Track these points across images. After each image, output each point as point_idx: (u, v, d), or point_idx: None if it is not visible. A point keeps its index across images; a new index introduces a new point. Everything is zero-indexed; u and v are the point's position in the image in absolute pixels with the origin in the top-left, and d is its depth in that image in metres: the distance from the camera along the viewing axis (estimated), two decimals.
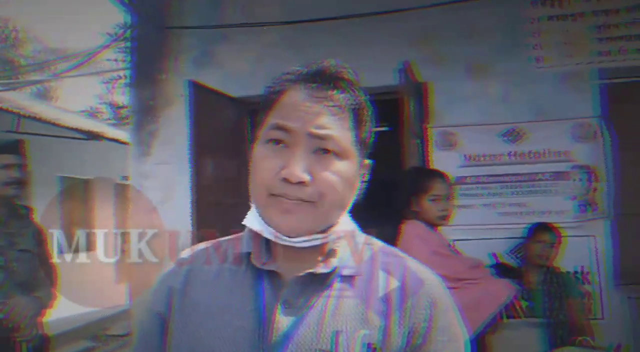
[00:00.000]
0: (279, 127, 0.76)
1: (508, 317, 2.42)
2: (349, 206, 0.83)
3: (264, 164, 0.77)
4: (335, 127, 0.76)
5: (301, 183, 0.74)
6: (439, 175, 2.37)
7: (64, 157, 8.55)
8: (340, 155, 0.76)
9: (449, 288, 0.82)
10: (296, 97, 0.77)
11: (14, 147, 2.35)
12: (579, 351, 2.68)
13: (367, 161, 0.84)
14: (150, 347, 0.85)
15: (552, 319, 2.81)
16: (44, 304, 2.29)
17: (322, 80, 0.77)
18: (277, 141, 0.76)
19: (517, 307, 2.57)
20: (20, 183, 2.32)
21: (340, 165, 0.76)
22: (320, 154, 0.75)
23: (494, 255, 3.30)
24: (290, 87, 0.78)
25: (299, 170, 0.74)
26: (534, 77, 3.47)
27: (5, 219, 2.30)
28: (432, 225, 2.26)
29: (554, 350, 2.65)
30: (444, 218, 2.28)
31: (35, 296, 2.24)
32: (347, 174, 0.77)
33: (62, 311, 2.38)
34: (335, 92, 0.77)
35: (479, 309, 2.05)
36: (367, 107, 0.81)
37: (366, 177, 0.84)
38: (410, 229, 2.20)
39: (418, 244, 2.09)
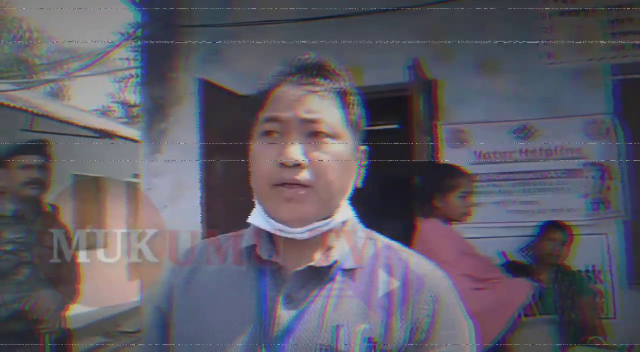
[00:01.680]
0: (271, 119, 0.79)
1: (526, 315, 2.40)
2: (348, 192, 0.84)
3: (262, 156, 0.79)
4: (324, 109, 0.79)
5: (297, 166, 0.76)
6: (464, 171, 2.36)
7: (77, 155, 8.64)
8: (332, 136, 0.79)
9: (477, 289, 0.82)
10: (283, 90, 0.81)
11: (38, 148, 2.41)
12: (591, 351, 2.66)
13: (363, 147, 0.86)
14: (152, 340, 0.87)
15: (564, 317, 2.79)
16: (68, 299, 2.38)
17: (305, 70, 0.81)
18: (270, 133, 0.79)
19: (533, 306, 2.55)
20: (41, 183, 2.38)
21: (334, 146, 0.79)
22: (312, 137, 0.78)
23: (503, 253, 3.27)
24: (276, 83, 0.82)
25: (293, 152, 0.76)
26: (545, 74, 3.43)
27: (32, 217, 2.37)
28: (449, 222, 2.25)
29: (565, 349, 2.62)
30: (467, 215, 2.28)
31: (59, 290, 2.32)
32: (341, 154, 0.79)
33: (74, 307, 2.45)
34: (318, 78, 0.80)
35: (505, 308, 2.02)
36: (352, 92, 0.84)
37: (364, 163, 0.86)
38: (432, 227, 2.18)
39: (445, 244, 2.06)
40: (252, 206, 0.86)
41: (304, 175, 0.76)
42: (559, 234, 2.96)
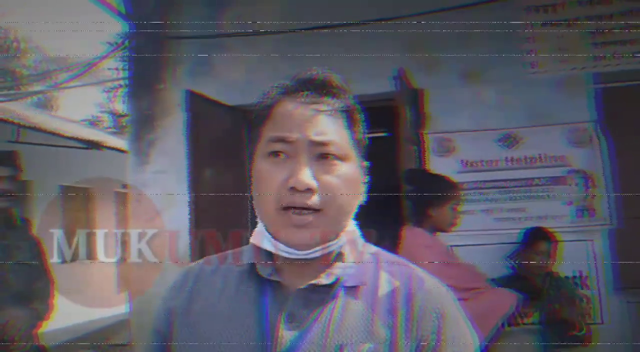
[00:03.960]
0: (278, 139, 0.76)
1: (509, 325, 2.42)
2: (354, 212, 0.82)
3: (269, 177, 0.76)
4: (333, 131, 0.77)
5: (308, 190, 0.74)
6: (456, 183, 2.40)
7: (65, 167, 8.58)
8: (341, 158, 0.77)
9: (460, 300, 0.82)
10: (289, 107, 0.78)
11: (6, 159, 2.32)
12: None
13: (365, 163, 0.85)
14: None
15: (551, 324, 2.80)
16: (40, 316, 2.27)
17: (313, 88, 0.79)
18: (278, 153, 0.76)
19: (524, 316, 2.57)
20: (10, 195, 2.29)
21: (343, 168, 0.77)
22: (321, 160, 0.76)
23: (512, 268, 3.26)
24: (281, 99, 0.79)
25: (305, 177, 0.74)
26: (528, 83, 3.48)
27: (1, 231, 2.27)
28: (434, 232, 2.27)
29: None
30: (454, 225, 2.32)
31: (31, 307, 2.22)
32: (350, 176, 0.78)
33: (63, 321, 2.36)
34: (326, 97, 0.78)
35: (488, 318, 2.03)
36: (358, 109, 0.82)
37: (366, 179, 0.85)
38: (416, 237, 2.18)
39: (428, 254, 2.06)
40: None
41: (314, 199, 0.74)
42: (544, 245, 2.96)
